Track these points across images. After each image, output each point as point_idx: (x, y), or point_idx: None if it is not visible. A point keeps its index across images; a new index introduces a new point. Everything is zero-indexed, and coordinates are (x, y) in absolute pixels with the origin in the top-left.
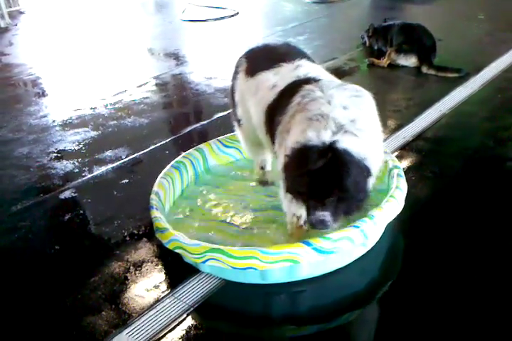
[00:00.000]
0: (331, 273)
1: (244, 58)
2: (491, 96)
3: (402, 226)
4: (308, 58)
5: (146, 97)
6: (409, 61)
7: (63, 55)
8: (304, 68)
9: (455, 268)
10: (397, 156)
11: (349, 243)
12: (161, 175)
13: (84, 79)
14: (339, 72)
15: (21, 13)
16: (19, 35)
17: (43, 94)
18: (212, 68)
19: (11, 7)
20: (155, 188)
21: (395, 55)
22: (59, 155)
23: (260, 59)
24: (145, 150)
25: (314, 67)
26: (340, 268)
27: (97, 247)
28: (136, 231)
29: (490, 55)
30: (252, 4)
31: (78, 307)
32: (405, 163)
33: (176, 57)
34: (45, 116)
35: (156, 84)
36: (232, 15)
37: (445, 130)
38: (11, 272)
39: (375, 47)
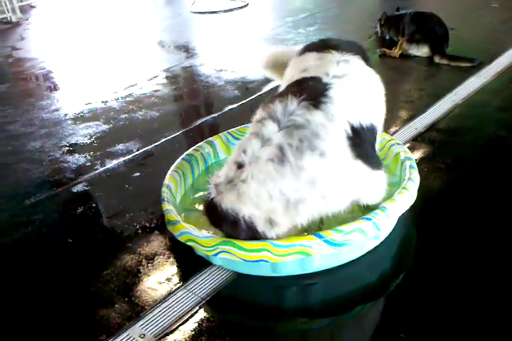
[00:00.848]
0: (342, 265)
1: (304, 47)
2: (505, 86)
3: (414, 218)
4: (366, 59)
5: (157, 90)
6: (422, 51)
7: (74, 49)
8: (347, 67)
9: (468, 260)
10: (409, 147)
11: (361, 235)
12: (172, 168)
13: (95, 73)
14: None
15: (32, 7)
16: (30, 30)
17: (55, 88)
18: (222, 60)
19: (22, 1)
20: (166, 181)
21: (406, 44)
22: (71, 148)
23: (316, 45)
24: (156, 143)
25: (359, 70)
26: (352, 261)
27: (110, 240)
28: (148, 224)
29: (503, 44)
30: None
31: (91, 300)
32: (418, 154)
33: (186, 49)
34: (57, 110)
35: (167, 77)
36: (242, 7)
37: (458, 120)
38: (25, 265)
39: (387, 37)
